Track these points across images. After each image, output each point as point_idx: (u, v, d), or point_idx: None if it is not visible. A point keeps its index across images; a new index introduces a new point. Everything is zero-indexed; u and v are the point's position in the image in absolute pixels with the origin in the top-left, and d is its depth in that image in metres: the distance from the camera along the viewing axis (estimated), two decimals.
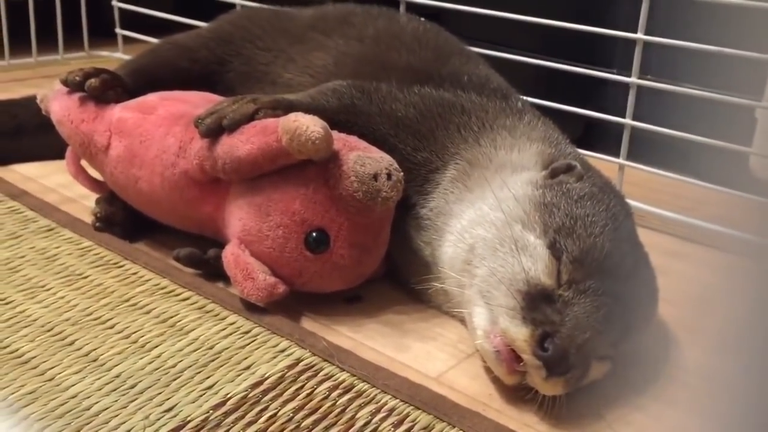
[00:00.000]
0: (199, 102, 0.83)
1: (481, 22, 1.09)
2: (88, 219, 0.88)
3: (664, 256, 0.92)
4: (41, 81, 1.42)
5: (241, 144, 0.70)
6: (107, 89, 0.85)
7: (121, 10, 1.52)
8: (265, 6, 1.11)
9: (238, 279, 0.71)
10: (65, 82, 0.85)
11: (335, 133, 0.72)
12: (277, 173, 0.72)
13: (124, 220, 0.86)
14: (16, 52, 1.48)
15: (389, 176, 0.70)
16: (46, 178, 1.02)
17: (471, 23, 1.11)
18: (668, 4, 1.11)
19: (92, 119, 0.83)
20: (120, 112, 0.82)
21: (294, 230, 0.71)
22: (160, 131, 0.78)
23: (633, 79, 0.98)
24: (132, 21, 1.51)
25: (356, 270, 0.74)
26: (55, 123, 0.87)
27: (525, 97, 0.89)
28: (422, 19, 1.00)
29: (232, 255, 0.72)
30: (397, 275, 0.79)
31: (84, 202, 0.94)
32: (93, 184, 0.89)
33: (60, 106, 0.85)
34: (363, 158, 0.70)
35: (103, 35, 1.59)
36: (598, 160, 1.04)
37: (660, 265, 0.89)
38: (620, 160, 1.01)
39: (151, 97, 0.83)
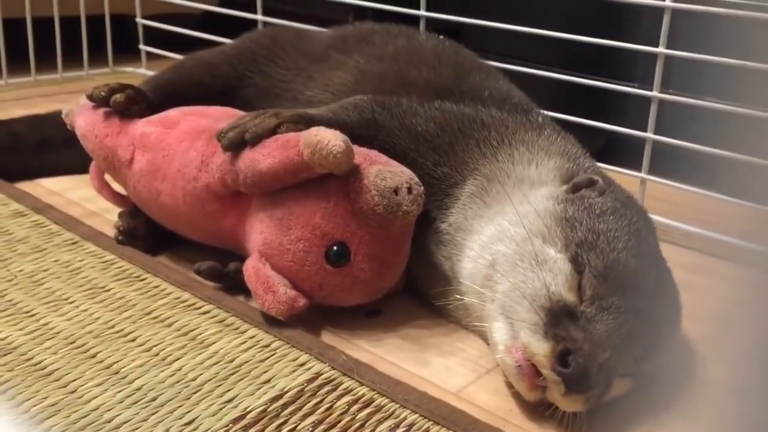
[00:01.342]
0: (221, 116, 0.83)
1: (502, 36, 1.09)
2: (111, 233, 0.89)
3: (687, 272, 0.91)
4: (67, 96, 1.44)
5: (263, 158, 0.71)
6: (132, 104, 0.86)
7: (145, 26, 1.54)
8: (286, 25, 1.12)
9: (259, 292, 0.72)
10: (91, 97, 0.86)
11: (356, 148, 0.72)
12: (298, 187, 0.72)
13: (146, 234, 0.87)
14: (43, 68, 1.50)
15: (410, 190, 0.70)
16: (71, 192, 1.03)
17: (491, 38, 1.12)
18: (690, 18, 1.11)
19: (116, 134, 0.84)
20: (143, 126, 0.83)
21: (315, 244, 0.71)
22: (182, 145, 0.79)
23: (654, 93, 0.98)
24: (156, 37, 1.53)
25: (377, 284, 0.74)
26: (80, 137, 0.88)
27: (546, 112, 0.89)
28: (441, 37, 1.01)
29: (253, 268, 0.73)
30: (417, 289, 0.79)
31: (107, 216, 0.95)
32: (116, 197, 0.90)
33: (85, 121, 0.87)
34: (384, 172, 0.71)
35: (127, 51, 1.61)
36: (619, 174, 1.04)
37: (683, 280, 0.88)
38: (642, 174, 1.01)
39: (174, 112, 0.84)
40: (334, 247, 0.71)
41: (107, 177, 0.90)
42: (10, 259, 0.82)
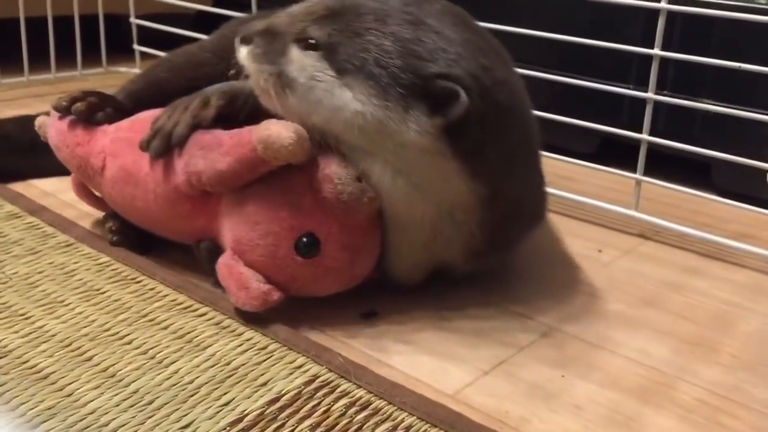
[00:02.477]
0: None
1: (496, 36, 1.09)
2: (106, 235, 0.88)
3: (683, 273, 0.92)
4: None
5: (221, 157, 0.72)
6: (93, 112, 0.85)
7: (138, 26, 1.54)
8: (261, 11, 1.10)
9: (232, 290, 0.73)
10: (55, 108, 0.86)
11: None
12: (263, 182, 0.73)
13: (137, 231, 0.86)
14: (36, 68, 1.50)
15: None
16: (65, 193, 1.03)
17: None
18: (686, 19, 1.11)
19: (87, 142, 0.84)
20: (113, 132, 0.83)
21: (284, 237, 0.71)
22: None
23: (650, 95, 0.98)
24: (150, 37, 1.53)
25: (350, 272, 0.74)
26: (53, 148, 0.88)
27: (539, 113, 0.89)
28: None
29: (225, 266, 0.74)
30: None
31: (101, 218, 0.95)
32: (97, 202, 0.91)
33: (56, 131, 0.87)
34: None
35: (121, 51, 1.61)
36: (614, 175, 1.04)
37: (678, 281, 0.89)
38: (637, 176, 1.01)
39: (142, 115, 0.84)
40: (304, 239, 0.71)
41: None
42: (4, 261, 0.82)
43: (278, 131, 0.69)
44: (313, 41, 0.69)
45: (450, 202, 0.73)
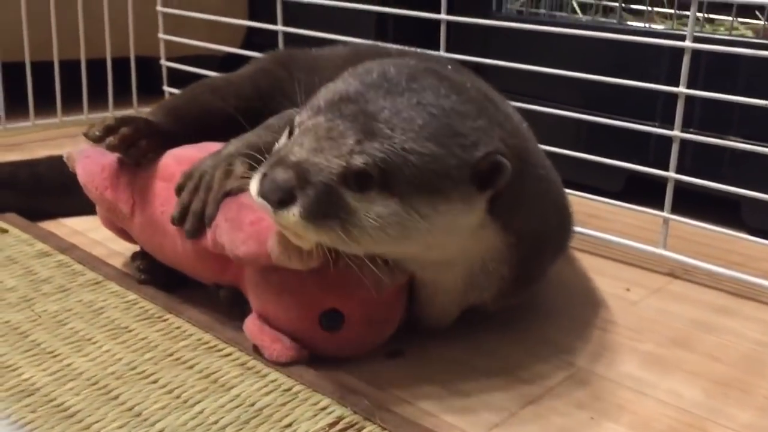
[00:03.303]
0: None
1: (523, 76, 1.10)
2: (134, 272, 0.89)
3: (713, 313, 0.90)
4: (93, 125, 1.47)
5: (240, 243, 0.71)
6: (128, 146, 0.81)
7: (168, 68, 1.57)
8: (299, 49, 1.11)
9: (266, 344, 0.73)
10: (87, 136, 0.82)
11: None
12: None
13: (165, 270, 0.87)
14: (69, 109, 1.53)
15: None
16: (94, 231, 1.04)
17: (512, 78, 1.12)
18: (711, 57, 1.11)
19: (115, 186, 0.84)
20: (142, 179, 0.82)
21: (307, 311, 0.72)
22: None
23: (675, 132, 0.98)
24: (179, 78, 1.56)
25: (372, 340, 0.75)
26: (82, 186, 0.87)
27: (566, 151, 0.89)
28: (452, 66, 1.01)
29: (255, 325, 0.74)
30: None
31: (130, 256, 0.96)
32: (126, 235, 0.91)
33: (84, 171, 0.86)
34: None
35: (151, 92, 1.64)
36: (641, 213, 1.03)
37: (709, 321, 0.87)
38: (664, 214, 1.00)
39: (169, 161, 0.82)
40: (327, 314, 0.71)
41: None
42: (34, 299, 0.83)
43: (290, 248, 0.67)
44: (361, 174, 0.61)
45: (483, 257, 0.73)
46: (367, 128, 0.61)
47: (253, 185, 0.63)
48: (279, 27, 1.35)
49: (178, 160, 0.82)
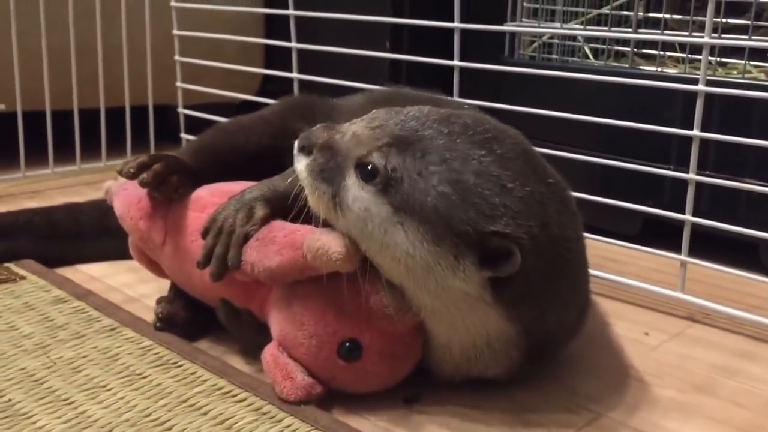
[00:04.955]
0: None
1: (537, 120, 1.11)
2: (150, 318, 0.89)
3: (735, 357, 0.88)
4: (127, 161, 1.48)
5: (272, 255, 0.73)
6: (159, 181, 0.84)
7: (186, 116, 1.59)
8: (321, 97, 1.13)
9: (277, 379, 0.73)
10: (120, 173, 0.85)
11: None
12: (311, 282, 0.73)
13: (185, 321, 0.87)
14: (87, 156, 1.55)
15: None
16: (110, 277, 1.05)
17: (526, 122, 1.13)
18: (724, 100, 1.12)
19: (149, 216, 0.86)
20: (176, 210, 0.85)
21: (327, 340, 0.72)
22: None
23: (691, 176, 0.97)
24: (196, 126, 1.58)
25: (390, 376, 0.75)
26: (118, 217, 0.89)
27: (581, 195, 0.88)
28: (467, 106, 1.02)
29: (271, 356, 0.74)
30: None
31: (146, 302, 0.96)
32: (155, 268, 0.91)
33: (121, 203, 0.89)
34: None
35: (168, 140, 1.66)
36: (659, 256, 1.02)
37: (731, 366, 0.86)
38: (682, 257, 0.99)
39: (203, 193, 0.85)
40: (346, 344, 0.71)
41: None
42: (50, 346, 0.83)
43: (328, 244, 0.69)
44: (372, 168, 0.67)
45: (487, 335, 0.72)
46: (406, 143, 0.67)
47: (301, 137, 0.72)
48: (294, 74, 1.37)
49: (212, 192, 0.84)
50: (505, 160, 0.67)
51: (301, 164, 0.72)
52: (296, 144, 0.72)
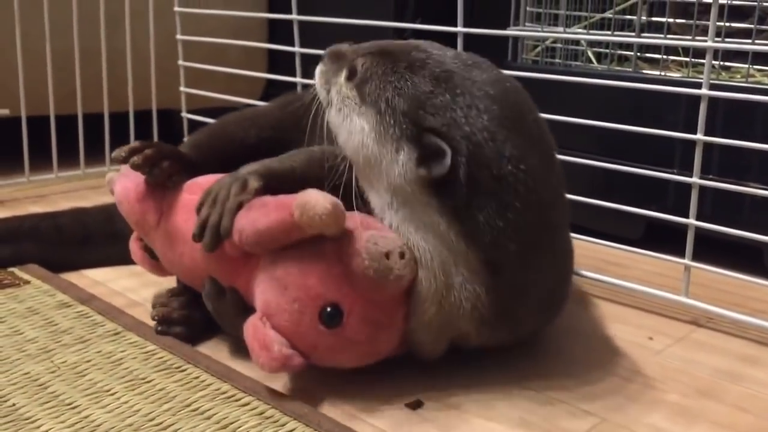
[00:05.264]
0: None
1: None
2: (152, 323, 0.89)
3: (739, 362, 0.88)
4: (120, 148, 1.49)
5: (263, 217, 0.74)
6: (152, 165, 0.85)
7: (189, 120, 1.60)
8: None
9: (255, 349, 0.74)
10: (114, 159, 0.87)
11: (353, 213, 0.75)
12: (295, 248, 0.74)
13: (183, 319, 0.87)
14: (91, 161, 1.56)
15: (402, 255, 0.73)
16: (114, 282, 1.05)
17: None
18: (728, 104, 1.12)
19: (146, 198, 0.87)
20: (171, 193, 0.86)
21: (309, 305, 0.73)
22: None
23: (694, 179, 0.97)
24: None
25: (371, 346, 0.75)
26: (116, 203, 0.91)
27: (584, 199, 0.88)
28: None
29: (252, 326, 0.75)
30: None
31: (149, 306, 0.96)
32: (154, 267, 0.92)
33: (121, 187, 0.90)
34: (376, 237, 0.73)
35: (172, 144, 1.66)
36: (662, 260, 1.02)
37: (735, 371, 0.86)
38: (685, 261, 0.99)
39: (201, 179, 0.87)
40: (328, 309, 0.72)
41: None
42: (54, 350, 0.83)
43: (316, 199, 0.71)
44: (354, 69, 0.78)
45: (453, 256, 0.73)
46: (387, 53, 0.77)
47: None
48: (298, 79, 1.37)
49: (208, 179, 0.85)
50: (477, 82, 0.74)
51: (317, 70, 0.83)
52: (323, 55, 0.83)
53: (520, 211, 0.72)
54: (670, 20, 1.41)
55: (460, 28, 1.14)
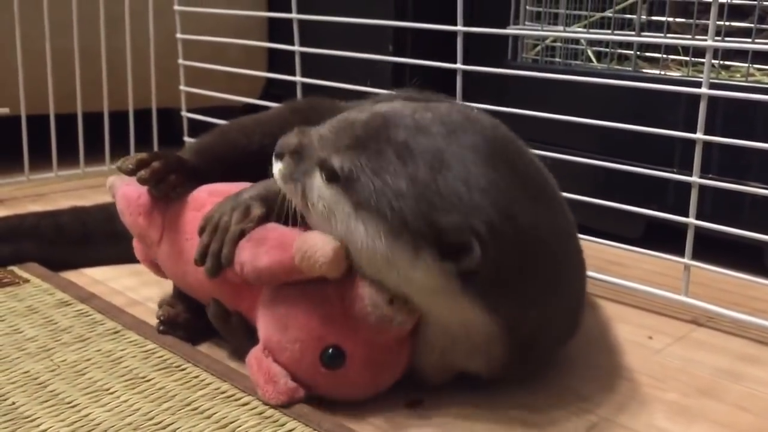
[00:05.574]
0: None
1: (539, 123, 1.11)
2: (153, 321, 0.89)
3: (740, 361, 0.88)
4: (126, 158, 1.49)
5: (262, 255, 0.73)
6: (158, 180, 0.85)
7: (189, 119, 1.60)
8: (323, 98, 1.13)
9: (260, 383, 0.73)
10: (119, 169, 0.86)
11: None
12: (298, 286, 0.73)
13: (187, 323, 0.87)
14: (91, 160, 1.56)
15: (406, 301, 0.70)
16: (114, 281, 1.05)
17: (529, 124, 1.13)
18: (728, 103, 1.11)
19: (149, 213, 0.87)
20: (174, 208, 0.86)
21: (310, 346, 0.72)
22: None
23: (694, 179, 0.97)
24: (199, 129, 1.58)
25: (373, 385, 0.74)
26: (118, 212, 0.90)
27: (584, 197, 0.88)
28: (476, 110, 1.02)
29: (255, 359, 0.75)
30: None
31: (149, 305, 0.96)
32: (158, 269, 0.92)
33: (122, 197, 0.90)
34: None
35: (171, 143, 1.66)
36: (662, 259, 1.02)
37: (735, 370, 0.86)
38: (685, 260, 0.99)
39: (202, 194, 0.86)
40: (329, 351, 0.71)
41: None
42: (53, 349, 0.83)
43: (316, 246, 0.69)
44: (332, 170, 0.69)
45: (465, 327, 0.71)
46: (365, 144, 0.69)
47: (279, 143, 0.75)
48: (297, 78, 1.37)
49: (210, 192, 0.85)
50: (466, 151, 0.68)
51: (275, 169, 0.74)
52: (274, 152, 0.75)
53: (539, 274, 0.71)
54: (670, 19, 1.41)
55: (459, 27, 1.14)
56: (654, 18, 1.48)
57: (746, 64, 1.25)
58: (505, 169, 0.69)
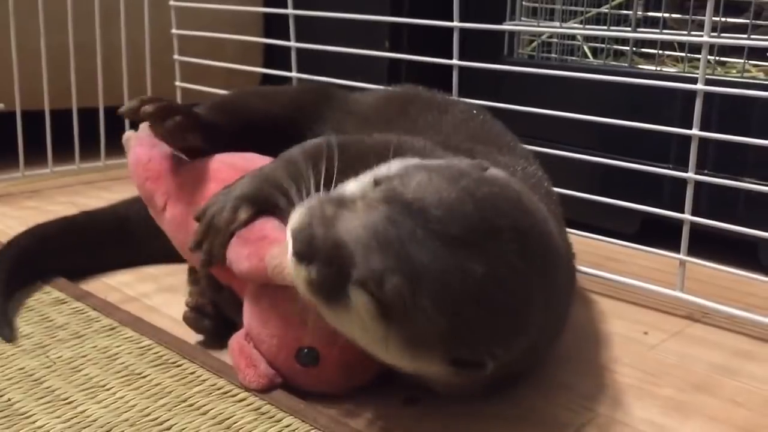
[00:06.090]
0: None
1: (535, 119, 1.11)
2: (149, 317, 0.89)
3: (735, 357, 0.89)
4: (108, 183, 1.50)
5: (243, 259, 0.74)
6: (164, 117, 0.84)
7: None
8: (338, 87, 1.13)
9: (241, 366, 0.75)
10: (121, 113, 0.87)
11: None
12: (279, 287, 0.73)
13: (214, 316, 0.86)
14: (86, 156, 1.55)
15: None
16: (110, 277, 1.05)
17: (525, 121, 1.13)
18: (724, 99, 1.12)
19: (155, 179, 0.88)
20: (181, 175, 0.87)
21: (287, 344, 0.73)
22: None
23: (690, 175, 0.97)
24: None
25: (345, 384, 0.75)
26: (130, 172, 0.92)
27: (579, 193, 0.88)
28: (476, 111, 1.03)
29: (237, 344, 0.76)
30: None
31: (145, 301, 0.96)
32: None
33: (133, 157, 0.91)
34: None
35: None
36: (658, 255, 1.03)
37: (730, 365, 0.86)
38: (680, 256, 0.99)
39: (215, 164, 0.86)
40: (305, 350, 0.73)
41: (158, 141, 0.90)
42: (49, 346, 0.83)
43: (284, 263, 0.67)
44: (372, 293, 0.60)
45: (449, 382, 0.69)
46: (405, 267, 0.59)
47: (295, 217, 0.63)
48: (294, 74, 1.37)
49: (222, 161, 0.86)
50: (503, 277, 0.61)
51: (299, 276, 0.62)
52: (292, 245, 0.62)
53: (539, 347, 0.72)
54: (666, 15, 1.41)
55: (456, 23, 1.14)
56: (650, 14, 1.48)
57: (742, 60, 1.25)
58: (543, 302, 0.65)
